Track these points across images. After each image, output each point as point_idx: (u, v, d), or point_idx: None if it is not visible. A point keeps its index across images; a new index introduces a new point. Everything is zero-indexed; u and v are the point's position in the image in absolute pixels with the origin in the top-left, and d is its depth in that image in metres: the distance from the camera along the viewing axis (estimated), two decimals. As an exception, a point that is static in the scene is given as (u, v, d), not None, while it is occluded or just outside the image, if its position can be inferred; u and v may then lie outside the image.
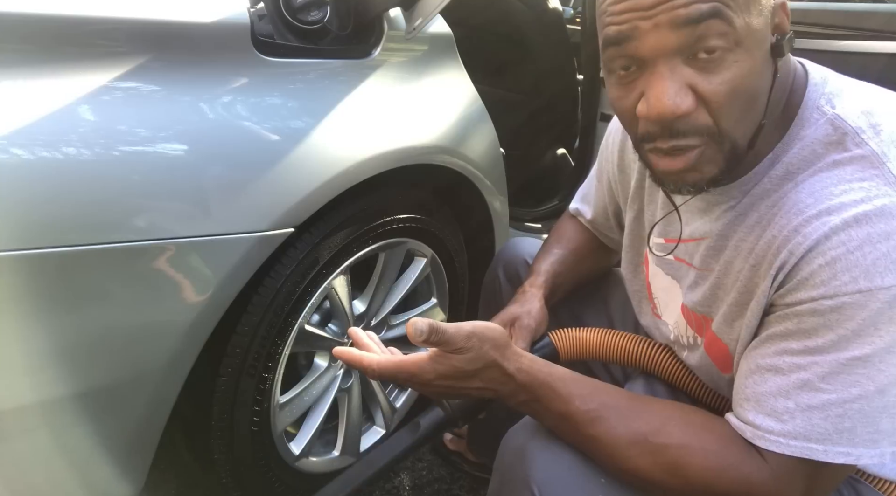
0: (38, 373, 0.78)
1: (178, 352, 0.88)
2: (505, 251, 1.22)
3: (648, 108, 0.60)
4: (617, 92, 0.64)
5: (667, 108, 0.59)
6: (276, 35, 1.00)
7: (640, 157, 0.68)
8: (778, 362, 0.62)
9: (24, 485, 0.84)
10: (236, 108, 0.91)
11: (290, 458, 1.18)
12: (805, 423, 0.59)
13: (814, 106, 0.65)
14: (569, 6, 3.06)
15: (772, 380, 0.62)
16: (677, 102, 0.58)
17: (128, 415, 0.88)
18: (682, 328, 0.81)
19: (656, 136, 0.62)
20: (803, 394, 0.59)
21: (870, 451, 0.58)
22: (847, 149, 0.62)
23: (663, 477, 0.64)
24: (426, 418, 0.80)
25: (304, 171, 0.96)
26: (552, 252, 1.06)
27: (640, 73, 0.61)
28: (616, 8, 0.59)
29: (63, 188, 0.74)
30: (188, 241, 0.84)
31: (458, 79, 1.36)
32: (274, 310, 1.02)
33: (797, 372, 0.60)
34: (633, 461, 0.65)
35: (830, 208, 0.59)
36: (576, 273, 1.06)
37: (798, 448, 0.59)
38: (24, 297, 0.74)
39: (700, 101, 0.59)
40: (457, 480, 1.46)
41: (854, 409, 0.58)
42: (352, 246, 1.12)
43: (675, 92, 0.58)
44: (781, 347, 0.62)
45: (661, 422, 0.66)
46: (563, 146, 2.45)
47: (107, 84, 0.79)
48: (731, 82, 0.59)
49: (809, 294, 0.59)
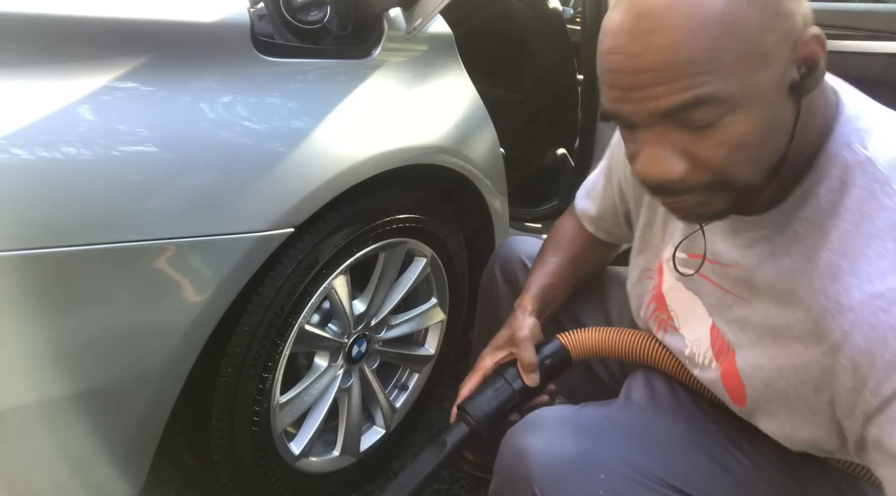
0: (38, 373, 0.78)
1: (178, 352, 0.88)
2: (501, 250, 1.21)
3: (639, 172, 0.59)
4: (624, 142, 0.63)
5: (656, 175, 0.57)
6: (276, 35, 1.00)
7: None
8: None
9: (24, 485, 0.84)
10: (236, 108, 0.91)
11: (290, 458, 1.18)
12: None
13: (844, 143, 0.60)
14: (569, 6, 3.06)
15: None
16: (667, 169, 0.56)
17: (128, 415, 0.88)
18: (701, 347, 0.78)
19: (657, 193, 0.61)
20: None
21: None
22: (876, 198, 0.57)
23: None
24: (451, 434, 0.81)
25: (304, 171, 0.96)
26: (547, 262, 1.04)
27: (636, 131, 0.59)
28: (605, 77, 0.58)
29: (63, 188, 0.74)
30: (188, 241, 0.84)
31: (458, 79, 1.36)
32: (274, 310, 1.02)
33: None
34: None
35: (872, 277, 0.55)
36: (572, 280, 1.04)
37: None
38: (24, 297, 0.73)
39: (695, 163, 0.56)
40: (457, 480, 1.46)
41: None
42: (352, 246, 1.12)
43: (664, 158, 0.56)
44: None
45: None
46: (563, 146, 2.45)
47: (107, 84, 0.79)
48: (728, 144, 0.55)
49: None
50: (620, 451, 0.73)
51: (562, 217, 1.13)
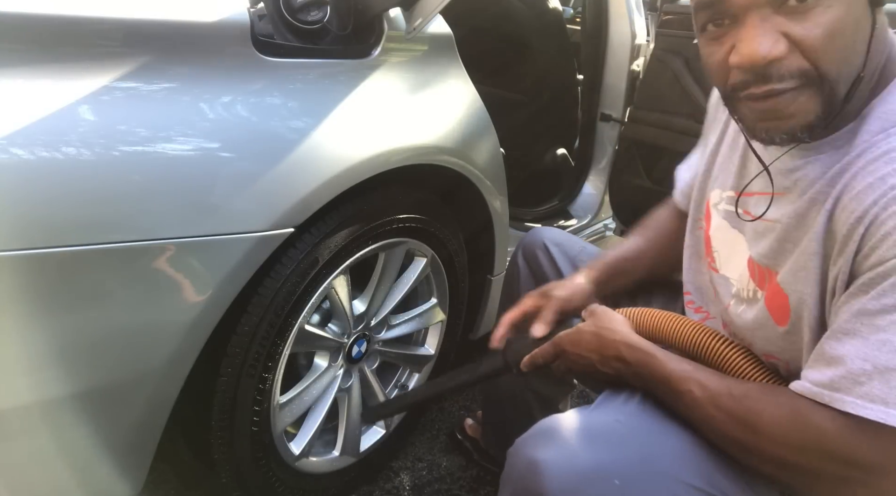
0: (38, 373, 0.78)
1: (178, 352, 0.88)
2: (527, 237, 1.23)
3: (740, 56, 0.61)
4: (708, 48, 0.65)
5: (758, 53, 0.59)
6: (276, 35, 1.00)
7: (731, 109, 0.69)
8: (856, 325, 0.59)
9: (24, 485, 0.84)
10: (236, 108, 0.91)
11: (290, 458, 1.18)
12: (883, 386, 0.56)
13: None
14: (569, 6, 3.06)
15: (849, 343, 0.59)
16: (768, 47, 0.59)
17: (128, 415, 0.88)
18: (744, 281, 0.80)
19: (750, 83, 0.62)
20: (882, 355, 0.57)
21: None
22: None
23: (737, 431, 0.66)
24: (487, 361, 0.90)
25: (304, 171, 0.96)
26: (629, 240, 1.08)
27: (731, 27, 0.62)
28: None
29: (63, 188, 0.74)
30: (188, 241, 0.84)
31: (459, 79, 1.36)
32: (274, 310, 1.02)
33: (876, 333, 0.57)
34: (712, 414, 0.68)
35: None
36: (652, 259, 1.06)
37: (875, 411, 0.57)
38: (24, 297, 0.74)
39: (794, 46, 0.59)
40: (457, 480, 1.46)
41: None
42: (352, 246, 1.12)
43: (766, 39, 0.59)
44: (858, 309, 0.59)
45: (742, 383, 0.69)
46: (563, 146, 2.45)
47: (107, 84, 0.79)
48: (824, 25, 0.58)
49: (893, 251, 0.57)
50: (634, 455, 0.71)
51: (660, 208, 1.14)
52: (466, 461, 1.50)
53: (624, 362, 0.79)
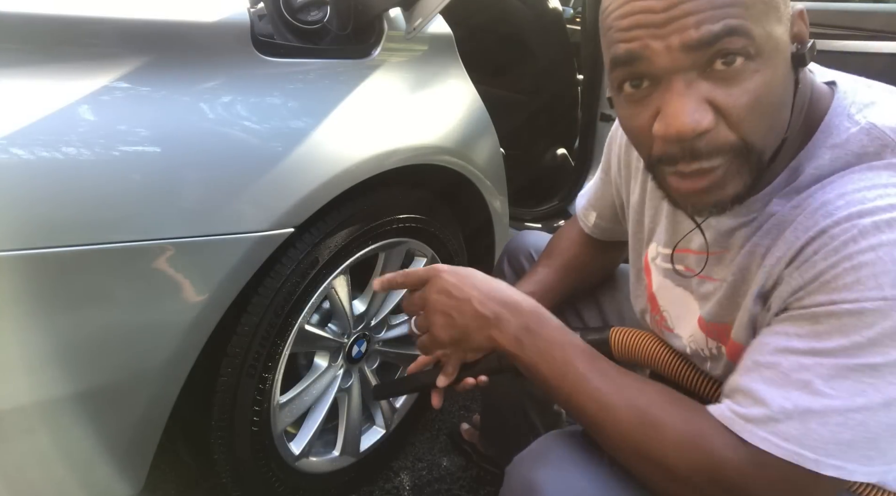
0: (38, 373, 0.78)
1: (178, 352, 0.88)
2: (511, 243, 1.22)
3: (666, 127, 0.56)
4: (627, 110, 0.61)
5: (686, 125, 0.55)
6: (276, 35, 1.00)
7: (655, 178, 0.65)
8: (779, 360, 0.58)
9: (24, 485, 0.84)
10: (236, 108, 0.91)
11: (290, 458, 1.18)
12: (800, 427, 0.55)
13: (844, 113, 0.62)
14: (569, 6, 3.07)
15: (770, 378, 0.58)
16: (697, 119, 0.55)
17: (128, 415, 0.88)
18: (700, 341, 0.77)
19: (677, 158, 0.58)
20: (803, 396, 0.56)
21: (863, 469, 0.55)
22: (883, 158, 0.58)
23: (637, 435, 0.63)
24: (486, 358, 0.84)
25: (304, 171, 0.96)
26: (534, 272, 1.04)
27: (653, 89, 0.58)
28: (623, 23, 0.56)
29: (63, 188, 0.74)
30: (188, 241, 0.84)
31: (459, 79, 1.36)
32: (274, 310, 1.02)
33: (799, 372, 0.56)
34: (615, 413, 0.65)
35: (862, 212, 0.55)
36: (560, 288, 1.03)
37: (788, 451, 0.56)
38: (24, 297, 0.74)
39: (720, 115, 0.56)
40: (457, 480, 1.46)
41: (856, 420, 0.54)
42: (352, 246, 1.12)
43: (693, 108, 0.55)
44: (784, 346, 0.58)
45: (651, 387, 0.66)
46: (563, 146, 2.45)
47: (107, 84, 0.79)
48: (752, 92, 0.55)
49: (830, 297, 0.55)
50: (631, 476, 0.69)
51: (564, 225, 1.13)
52: (466, 461, 1.50)
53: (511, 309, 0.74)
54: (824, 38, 1.59)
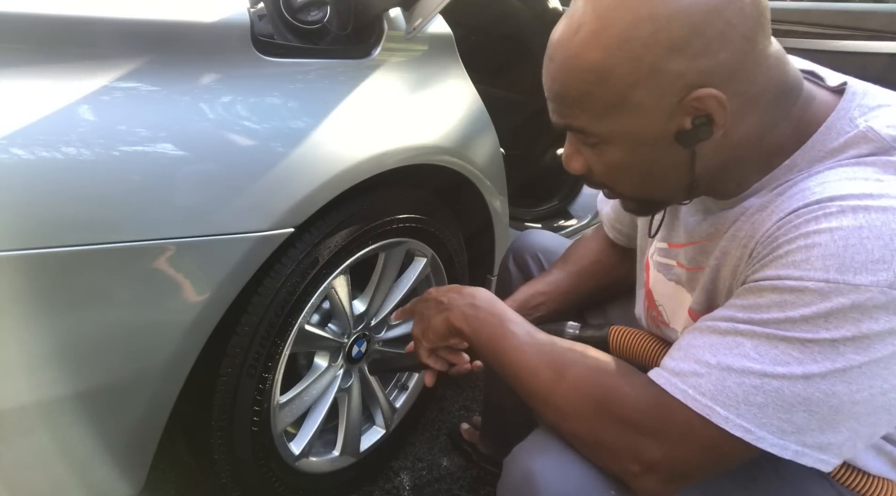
0: (38, 373, 0.78)
1: (178, 352, 0.88)
2: (516, 242, 1.24)
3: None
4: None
5: (566, 165, 0.71)
6: (276, 35, 1.00)
7: None
8: (719, 324, 0.61)
9: (25, 485, 0.84)
10: (236, 108, 0.91)
11: (290, 458, 1.18)
12: (717, 383, 0.58)
13: (846, 117, 0.63)
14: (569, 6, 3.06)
15: (706, 337, 0.61)
16: (570, 164, 0.70)
17: (128, 415, 0.88)
18: None
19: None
20: (729, 355, 0.59)
21: (773, 439, 0.57)
22: (874, 154, 0.60)
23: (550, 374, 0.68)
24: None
25: (304, 171, 0.96)
26: (548, 272, 1.08)
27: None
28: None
29: (63, 188, 0.74)
30: (188, 241, 0.84)
31: (459, 79, 1.36)
32: (274, 310, 1.02)
33: (733, 335, 0.59)
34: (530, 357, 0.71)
35: (834, 196, 0.57)
36: (573, 291, 1.05)
37: (702, 405, 0.59)
38: (24, 297, 0.74)
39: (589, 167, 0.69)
40: (457, 480, 1.46)
41: (772, 387, 0.56)
42: (352, 246, 1.12)
43: (568, 155, 0.70)
44: (728, 314, 0.61)
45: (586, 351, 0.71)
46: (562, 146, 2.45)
47: (107, 84, 0.79)
48: (606, 163, 0.66)
49: (777, 272, 0.58)
50: None
51: (591, 232, 1.14)
52: (466, 461, 1.50)
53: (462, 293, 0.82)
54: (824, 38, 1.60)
